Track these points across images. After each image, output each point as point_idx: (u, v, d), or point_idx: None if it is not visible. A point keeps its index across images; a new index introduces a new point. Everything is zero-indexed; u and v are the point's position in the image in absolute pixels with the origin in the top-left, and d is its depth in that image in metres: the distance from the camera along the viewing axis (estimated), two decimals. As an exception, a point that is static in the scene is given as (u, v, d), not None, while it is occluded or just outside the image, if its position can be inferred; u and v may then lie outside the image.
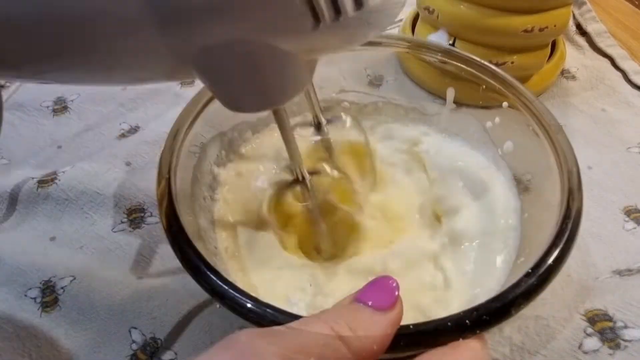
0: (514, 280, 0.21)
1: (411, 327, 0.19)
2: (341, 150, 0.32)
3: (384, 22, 0.18)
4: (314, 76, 0.21)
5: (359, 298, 0.18)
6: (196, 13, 0.15)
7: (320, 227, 0.28)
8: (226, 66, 0.17)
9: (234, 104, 0.20)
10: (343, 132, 0.32)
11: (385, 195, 0.33)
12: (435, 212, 0.32)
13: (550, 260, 0.21)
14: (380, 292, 0.18)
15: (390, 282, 0.19)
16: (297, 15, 0.15)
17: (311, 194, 0.27)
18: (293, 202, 0.29)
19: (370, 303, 0.18)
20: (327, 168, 0.29)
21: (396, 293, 0.18)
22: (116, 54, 0.17)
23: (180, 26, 0.15)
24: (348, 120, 0.33)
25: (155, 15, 0.15)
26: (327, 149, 0.31)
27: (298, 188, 0.27)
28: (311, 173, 0.27)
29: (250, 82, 0.18)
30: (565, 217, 0.23)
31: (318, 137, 0.30)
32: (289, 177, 0.28)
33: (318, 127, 0.30)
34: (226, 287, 0.20)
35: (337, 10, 0.15)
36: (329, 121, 0.32)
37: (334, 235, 0.29)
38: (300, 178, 0.26)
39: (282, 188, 0.29)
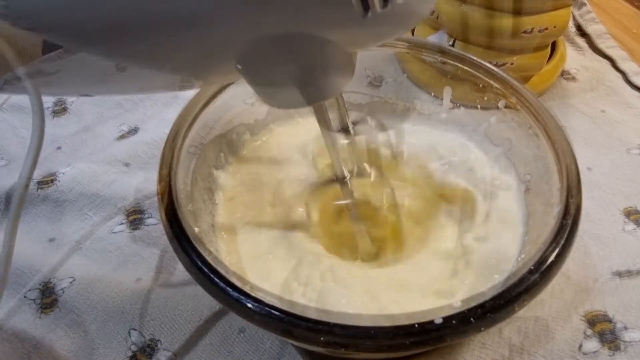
0: (516, 277, 0.21)
1: (416, 325, 0.19)
2: (367, 152, 0.32)
3: (424, 9, 0.18)
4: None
5: None
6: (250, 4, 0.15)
7: (359, 227, 0.28)
8: (272, 61, 0.17)
9: (278, 101, 0.20)
10: (369, 135, 0.33)
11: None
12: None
13: (552, 256, 0.21)
14: None
15: None
16: (347, 4, 0.15)
17: (351, 193, 0.27)
18: (331, 201, 0.29)
19: None
20: (366, 169, 0.29)
21: None
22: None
23: (230, 16, 0.15)
24: (373, 124, 0.33)
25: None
26: (353, 151, 0.31)
27: (337, 186, 0.27)
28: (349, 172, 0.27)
29: (297, 76, 0.18)
30: (565, 214, 0.23)
31: (345, 140, 0.31)
32: (322, 176, 0.28)
33: (345, 130, 0.30)
34: (228, 289, 0.20)
35: None
36: (354, 124, 0.32)
37: (371, 235, 0.29)
38: (341, 177, 0.26)
39: (319, 186, 0.29)
